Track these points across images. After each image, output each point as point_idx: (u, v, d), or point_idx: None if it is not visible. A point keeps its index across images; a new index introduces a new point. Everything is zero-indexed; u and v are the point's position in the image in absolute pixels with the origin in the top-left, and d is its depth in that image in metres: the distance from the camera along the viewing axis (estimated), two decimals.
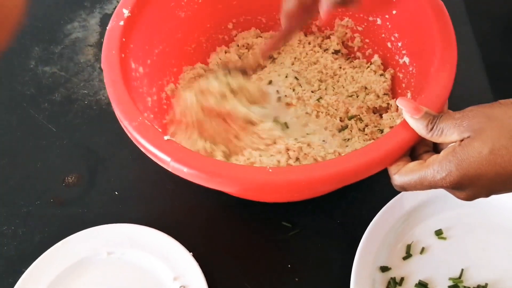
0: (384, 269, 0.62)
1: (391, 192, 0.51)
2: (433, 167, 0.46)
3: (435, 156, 0.47)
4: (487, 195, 0.46)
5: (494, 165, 0.43)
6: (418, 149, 0.51)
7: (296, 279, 0.64)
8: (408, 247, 0.64)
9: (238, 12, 0.78)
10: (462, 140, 0.45)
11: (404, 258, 0.64)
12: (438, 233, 0.65)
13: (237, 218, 0.69)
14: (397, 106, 0.52)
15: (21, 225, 0.69)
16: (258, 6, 0.78)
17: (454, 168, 0.44)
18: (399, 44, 0.69)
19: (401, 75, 0.69)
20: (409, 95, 0.66)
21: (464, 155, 0.44)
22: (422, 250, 0.64)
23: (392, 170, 0.50)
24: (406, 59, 0.67)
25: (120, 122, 0.55)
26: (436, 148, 0.51)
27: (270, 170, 0.48)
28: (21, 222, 0.69)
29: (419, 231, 0.66)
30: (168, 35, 0.70)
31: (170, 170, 0.51)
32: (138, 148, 0.54)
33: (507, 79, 0.81)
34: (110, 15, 0.84)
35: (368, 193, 0.69)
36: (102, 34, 0.87)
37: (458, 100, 0.70)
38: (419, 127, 0.48)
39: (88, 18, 0.89)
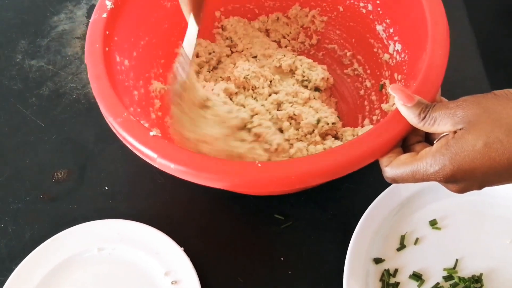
0: (378, 260, 0.62)
1: (384, 182, 0.50)
2: (426, 160, 0.45)
3: (427, 149, 0.46)
4: (479, 187, 0.45)
5: (488, 158, 0.42)
6: (410, 139, 0.50)
7: (289, 272, 0.63)
8: (402, 238, 0.64)
9: (226, 0, 0.77)
10: (455, 132, 0.44)
11: (398, 249, 0.63)
12: (433, 223, 0.65)
13: (228, 212, 0.68)
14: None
15: (11, 222, 0.68)
16: None
17: (447, 162, 0.43)
18: (391, 30, 0.67)
19: (392, 63, 0.68)
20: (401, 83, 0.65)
21: (458, 148, 0.43)
22: (416, 241, 0.64)
23: (383, 162, 0.49)
24: (398, 46, 0.66)
25: (105, 118, 0.54)
26: (428, 138, 0.50)
27: (259, 165, 0.47)
28: (11, 219, 0.69)
29: (413, 221, 0.65)
30: (154, 26, 0.69)
31: (157, 166, 0.50)
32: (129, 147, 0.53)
33: (502, 64, 0.80)
34: None
35: (361, 184, 0.68)
36: None
37: (453, 86, 0.69)
38: (411, 116, 0.47)
39: (74, 9, 0.88)
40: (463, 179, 0.44)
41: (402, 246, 0.63)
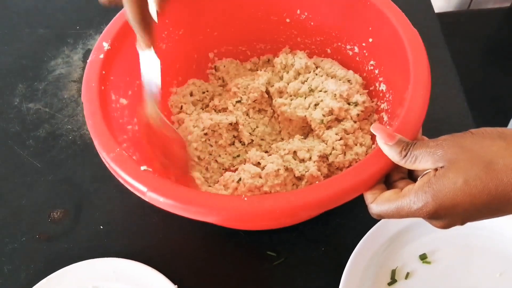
0: None
1: (373, 218, 0.52)
2: (409, 197, 0.46)
3: (410, 186, 0.47)
4: (462, 223, 0.47)
5: (468, 195, 0.43)
6: (393, 175, 0.52)
7: None
8: (393, 272, 0.65)
9: (219, 43, 0.79)
10: (436, 170, 0.45)
11: (389, 284, 0.64)
12: (423, 257, 0.66)
13: (221, 249, 0.69)
14: None
15: (7, 262, 0.69)
16: (239, 36, 0.79)
17: (430, 199, 0.44)
18: (376, 71, 0.70)
19: (379, 103, 0.70)
20: (386, 120, 0.67)
21: (439, 186, 0.44)
22: (407, 275, 0.65)
23: (368, 198, 0.51)
24: (383, 86, 0.68)
25: (99, 153, 0.56)
26: (410, 174, 0.52)
27: (245, 199, 0.49)
28: (7, 259, 0.69)
29: (403, 255, 0.66)
30: None
31: (147, 200, 0.52)
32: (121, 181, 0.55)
33: (485, 100, 0.83)
34: None
35: (351, 220, 0.69)
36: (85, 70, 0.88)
37: (439, 122, 0.71)
38: (392, 153, 0.49)
39: (71, 54, 0.91)
40: (446, 215, 0.45)
41: (393, 281, 0.64)
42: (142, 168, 0.53)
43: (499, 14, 1.60)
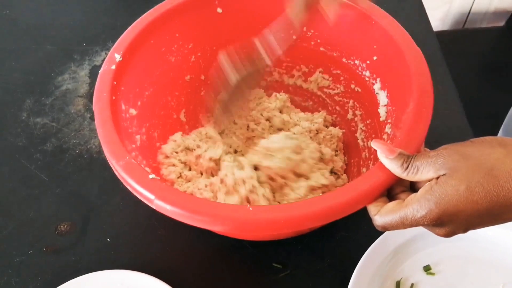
0: None
1: (378, 230, 0.52)
2: (413, 206, 0.47)
3: (413, 195, 0.48)
4: (464, 231, 0.47)
5: (471, 202, 0.44)
6: (395, 189, 0.52)
7: None
8: (398, 284, 0.66)
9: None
10: (438, 178, 0.46)
11: None
12: (427, 268, 0.67)
13: (228, 261, 0.70)
14: None
15: (15, 275, 0.69)
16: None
17: (433, 206, 0.45)
18: (379, 86, 0.71)
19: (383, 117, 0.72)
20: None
21: (442, 193, 0.45)
22: (412, 286, 0.65)
23: (372, 211, 0.51)
24: (385, 100, 0.70)
25: (109, 161, 0.57)
26: (413, 188, 0.52)
27: (251, 209, 0.50)
28: (15, 272, 0.69)
29: (408, 267, 0.67)
30: (158, 78, 0.72)
31: (154, 207, 0.52)
32: (129, 194, 0.55)
33: (482, 116, 0.85)
34: (99, 66, 0.87)
35: (355, 233, 0.70)
36: (91, 85, 0.90)
37: (440, 136, 0.72)
38: (393, 167, 0.49)
39: (78, 70, 0.92)
40: (449, 222, 0.46)
41: None
42: (151, 176, 0.54)
43: (493, 33, 1.63)
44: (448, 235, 0.48)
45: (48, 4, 1.04)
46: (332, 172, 0.73)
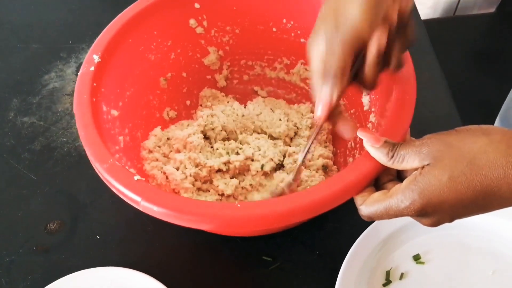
0: None
1: (366, 221, 0.53)
2: (397, 196, 0.47)
3: (397, 186, 0.48)
4: (450, 220, 0.47)
5: (454, 191, 0.44)
6: (382, 178, 0.53)
7: None
8: (387, 273, 0.66)
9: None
10: (422, 168, 0.46)
11: (384, 285, 0.65)
12: (416, 257, 0.67)
13: (218, 255, 0.70)
14: None
15: (5, 274, 0.69)
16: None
17: (417, 197, 0.45)
18: None
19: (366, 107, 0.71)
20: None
21: (425, 183, 0.45)
22: (402, 276, 0.66)
23: (358, 201, 0.51)
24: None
25: (93, 165, 0.56)
26: (400, 176, 0.53)
27: (239, 206, 0.50)
28: (4, 272, 0.69)
29: (397, 257, 0.67)
30: (139, 77, 0.72)
31: (141, 209, 0.52)
32: (115, 192, 0.55)
33: (472, 104, 0.84)
34: None
35: (345, 223, 0.71)
36: None
37: (428, 125, 0.72)
38: (379, 155, 0.50)
39: (64, 68, 0.92)
40: (434, 212, 0.46)
41: (387, 282, 0.65)
42: (136, 178, 0.53)
43: (484, 19, 1.63)
44: (434, 225, 0.48)
45: (33, 3, 1.04)
46: (324, 167, 0.73)
